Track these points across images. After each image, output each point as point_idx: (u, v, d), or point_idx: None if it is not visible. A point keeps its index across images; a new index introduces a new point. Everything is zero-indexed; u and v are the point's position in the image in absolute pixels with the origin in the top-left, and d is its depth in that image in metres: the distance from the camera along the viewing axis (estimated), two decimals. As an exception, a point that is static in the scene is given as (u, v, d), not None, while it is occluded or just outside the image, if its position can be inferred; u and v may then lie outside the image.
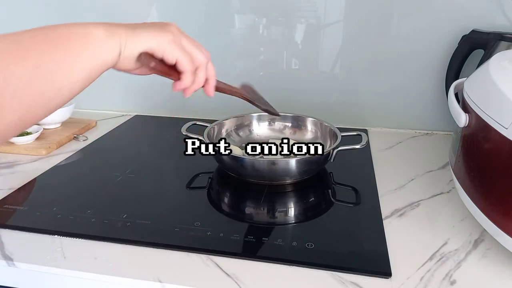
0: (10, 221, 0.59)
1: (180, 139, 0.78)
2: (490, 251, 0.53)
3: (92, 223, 0.58)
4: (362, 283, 0.47)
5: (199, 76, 0.49)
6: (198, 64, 0.48)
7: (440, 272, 0.49)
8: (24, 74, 0.33)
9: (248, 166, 0.67)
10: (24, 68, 0.34)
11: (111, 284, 0.49)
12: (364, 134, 0.73)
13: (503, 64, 0.53)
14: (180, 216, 0.60)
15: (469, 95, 0.54)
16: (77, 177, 0.73)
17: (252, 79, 1.00)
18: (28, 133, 0.86)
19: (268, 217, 0.63)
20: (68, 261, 0.51)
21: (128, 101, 1.10)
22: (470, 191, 0.52)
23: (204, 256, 0.52)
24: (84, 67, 0.39)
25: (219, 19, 0.96)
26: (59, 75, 0.36)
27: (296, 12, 0.92)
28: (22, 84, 0.33)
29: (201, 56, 0.48)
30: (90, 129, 0.98)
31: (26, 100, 0.34)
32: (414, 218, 0.60)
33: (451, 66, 0.85)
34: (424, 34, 0.88)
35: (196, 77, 0.49)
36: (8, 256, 0.52)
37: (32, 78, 0.34)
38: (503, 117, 0.45)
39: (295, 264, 0.50)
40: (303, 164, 0.67)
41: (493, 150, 0.47)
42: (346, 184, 0.71)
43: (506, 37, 0.76)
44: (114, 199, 0.65)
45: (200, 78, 0.49)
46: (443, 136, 0.93)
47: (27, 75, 0.34)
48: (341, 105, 0.98)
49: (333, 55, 0.94)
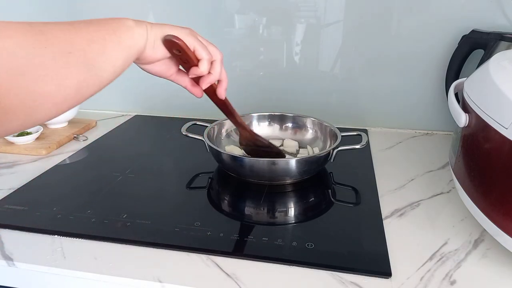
0: (10, 221, 0.59)
1: (180, 139, 0.78)
2: (490, 251, 0.53)
3: (92, 223, 0.58)
4: (362, 283, 0.47)
5: (215, 68, 0.53)
6: (214, 57, 0.53)
7: (440, 272, 0.49)
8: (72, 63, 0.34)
9: (248, 166, 0.67)
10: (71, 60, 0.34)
11: (111, 284, 0.49)
12: (364, 134, 0.73)
13: (503, 64, 0.53)
14: (180, 216, 0.60)
15: (469, 95, 0.54)
16: (77, 177, 0.74)
17: (252, 79, 1.00)
18: (28, 133, 0.86)
19: (268, 217, 0.63)
20: (68, 261, 0.51)
21: (128, 101, 1.10)
22: (470, 191, 0.52)
23: (204, 256, 0.52)
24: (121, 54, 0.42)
25: (219, 19, 0.96)
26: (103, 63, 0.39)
27: (296, 12, 0.92)
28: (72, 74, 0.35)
29: (217, 51, 0.54)
30: (90, 129, 0.98)
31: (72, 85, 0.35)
32: (414, 218, 0.60)
33: (451, 66, 0.85)
34: (424, 34, 0.88)
35: (213, 69, 0.53)
36: (8, 256, 0.52)
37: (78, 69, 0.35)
38: (503, 117, 0.45)
39: (295, 264, 0.50)
40: (303, 164, 0.67)
41: (493, 150, 0.47)
42: (346, 184, 0.71)
43: (506, 37, 0.76)
44: (114, 199, 0.65)
45: (216, 70, 0.53)
46: (443, 136, 0.93)
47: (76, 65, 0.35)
48: (341, 105, 0.98)
49: (333, 55, 0.94)
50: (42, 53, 0.31)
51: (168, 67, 0.53)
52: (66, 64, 0.34)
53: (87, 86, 0.37)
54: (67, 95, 0.35)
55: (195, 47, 0.50)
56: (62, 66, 0.33)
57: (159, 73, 0.53)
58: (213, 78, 0.54)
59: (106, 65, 0.39)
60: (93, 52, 0.37)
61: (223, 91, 0.58)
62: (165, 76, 0.54)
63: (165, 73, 0.54)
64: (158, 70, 0.53)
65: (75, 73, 0.35)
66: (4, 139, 0.85)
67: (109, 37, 0.40)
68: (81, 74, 0.36)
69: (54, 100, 0.34)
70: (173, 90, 1.06)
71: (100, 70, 0.39)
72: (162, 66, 0.52)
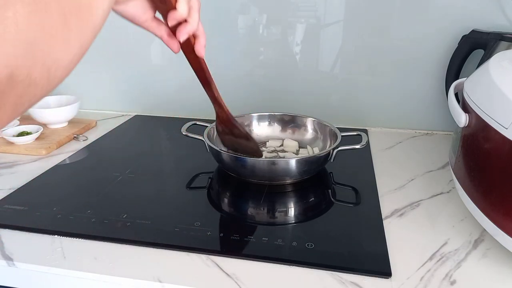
0: (10, 221, 0.59)
1: (180, 139, 0.78)
2: (490, 251, 0.53)
3: (92, 223, 0.58)
4: (362, 283, 0.47)
5: (193, 15, 0.49)
6: (192, 3, 0.49)
7: (440, 272, 0.49)
8: None
9: (248, 166, 0.67)
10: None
11: (111, 284, 0.49)
12: (364, 134, 0.73)
13: (503, 64, 0.53)
14: (180, 216, 0.60)
15: (469, 95, 0.54)
16: (77, 177, 0.73)
17: (252, 79, 1.00)
18: (28, 133, 0.86)
19: (268, 217, 0.63)
20: (68, 261, 0.51)
21: (128, 101, 1.10)
22: (470, 191, 0.52)
23: (204, 256, 0.52)
24: None
25: (219, 19, 0.96)
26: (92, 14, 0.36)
27: (296, 12, 0.92)
28: None
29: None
30: (90, 129, 0.98)
31: None
32: (414, 218, 0.60)
33: (451, 66, 0.85)
34: (424, 34, 0.88)
35: (190, 17, 0.49)
36: (8, 256, 0.52)
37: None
38: (503, 117, 0.45)
39: (295, 264, 0.50)
40: (303, 164, 0.67)
41: (493, 150, 0.47)
42: (346, 184, 0.71)
43: (506, 37, 0.76)
44: (114, 199, 0.65)
45: (194, 18, 0.49)
46: (443, 136, 0.93)
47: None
48: (341, 105, 0.98)
49: (333, 55, 0.94)
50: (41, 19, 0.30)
51: (143, 10, 0.49)
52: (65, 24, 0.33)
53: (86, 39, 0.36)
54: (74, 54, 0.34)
55: None
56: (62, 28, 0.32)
57: (133, 16, 0.49)
58: (190, 28, 0.49)
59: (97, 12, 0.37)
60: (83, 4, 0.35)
61: (202, 47, 0.53)
62: (140, 21, 0.50)
63: (140, 17, 0.49)
64: (132, 12, 0.48)
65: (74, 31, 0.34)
66: (4, 139, 0.85)
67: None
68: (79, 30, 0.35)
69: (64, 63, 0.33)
70: (173, 90, 1.06)
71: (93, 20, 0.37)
72: (137, 8, 0.48)
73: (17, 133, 0.86)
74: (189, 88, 1.04)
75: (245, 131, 0.66)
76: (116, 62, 1.06)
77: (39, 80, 0.31)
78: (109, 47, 1.03)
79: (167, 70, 1.03)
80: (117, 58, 1.05)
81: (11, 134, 0.85)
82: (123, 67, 1.06)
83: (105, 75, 1.07)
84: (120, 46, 1.03)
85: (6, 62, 0.26)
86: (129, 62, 1.05)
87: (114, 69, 1.06)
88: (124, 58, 1.05)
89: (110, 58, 1.05)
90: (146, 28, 0.51)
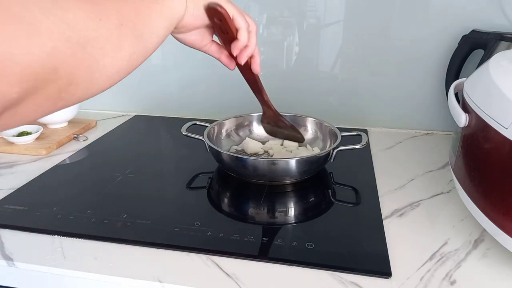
0: (10, 221, 0.59)
1: (180, 139, 0.78)
2: (490, 251, 0.53)
3: (92, 223, 0.58)
4: (362, 283, 0.47)
5: (252, 39, 0.52)
6: (251, 27, 0.51)
7: (440, 272, 0.49)
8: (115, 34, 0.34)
9: (248, 166, 0.67)
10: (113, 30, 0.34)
11: (111, 284, 0.49)
12: (364, 134, 0.73)
13: (503, 64, 0.53)
14: (180, 216, 0.60)
15: (469, 95, 0.54)
16: (77, 177, 0.73)
17: (252, 79, 1.00)
18: (28, 133, 0.86)
19: (268, 217, 0.63)
20: (68, 261, 0.51)
21: (128, 101, 1.10)
22: (470, 191, 0.52)
23: (204, 256, 0.52)
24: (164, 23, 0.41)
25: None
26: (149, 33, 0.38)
27: (296, 12, 0.92)
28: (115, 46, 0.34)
29: (252, 20, 0.52)
30: (90, 129, 0.98)
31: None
32: (414, 218, 0.60)
33: (451, 66, 0.85)
34: (424, 34, 0.88)
35: (250, 41, 0.51)
36: (8, 256, 0.52)
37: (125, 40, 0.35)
38: (503, 117, 0.45)
39: (295, 264, 0.50)
40: (303, 164, 0.67)
41: (493, 150, 0.47)
42: (346, 184, 0.71)
43: (506, 37, 0.76)
44: (114, 199, 0.65)
45: (253, 41, 0.52)
46: (443, 136, 0.93)
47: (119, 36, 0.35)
48: (341, 105, 0.98)
49: (333, 55, 0.94)
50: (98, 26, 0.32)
51: (202, 37, 0.52)
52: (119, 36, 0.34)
53: (136, 58, 0.37)
54: (120, 67, 0.35)
55: (234, 15, 0.49)
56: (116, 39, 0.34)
57: (193, 42, 0.52)
58: (250, 51, 0.52)
59: (152, 35, 0.39)
60: (141, 23, 0.37)
61: (258, 66, 0.57)
62: (199, 46, 0.53)
63: (199, 43, 0.52)
64: (193, 40, 0.51)
65: (127, 45, 0.35)
66: (4, 139, 0.85)
67: (153, 6, 0.39)
68: (132, 45, 0.36)
69: (109, 73, 0.34)
70: (173, 90, 1.06)
71: (147, 41, 0.38)
72: (197, 36, 0.51)
73: (17, 133, 0.86)
74: (189, 88, 1.04)
75: (289, 123, 0.75)
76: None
77: (80, 81, 0.31)
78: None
79: (167, 70, 1.03)
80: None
81: (11, 134, 0.85)
82: (123, 67, 1.05)
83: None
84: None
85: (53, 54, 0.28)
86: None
87: (114, 69, 1.06)
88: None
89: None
90: (205, 51, 0.54)
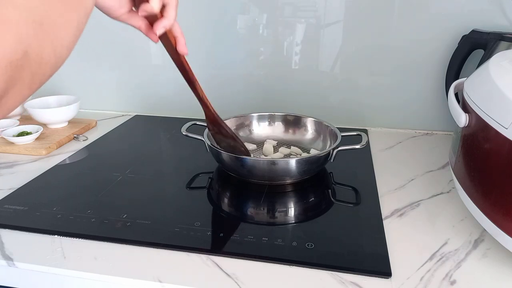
0: (10, 221, 0.59)
1: (180, 139, 0.78)
2: (490, 251, 0.53)
3: (92, 223, 0.58)
4: (362, 283, 0.47)
5: (168, 11, 0.51)
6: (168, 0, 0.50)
7: (440, 272, 0.49)
8: None
9: (248, 166, 0.67)
10: None
11: (111, 284, 0.49)
12: (364, 134, 0.73)
13: (503, 64, 0.53)
14: (180, 216, 0.60)
15: (469, 95, 0.54)
16: (77, 177, 0.73)
17: (252, 79, 1.00)
18: (28, 133, 0.86)
19: (268, 217, 0.63)
20: (68, 261, 0.51)
21: (128, 101, 1.10)
22: (470, 191, 0.52)
23: (204, 256, 0.52)
24: None
25: (220, 19, 0.96)
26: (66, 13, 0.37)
27: (296, 12, 0.92)
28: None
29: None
30: (90, 129, 0.98)
31: None
32: (414, 218, 0.60)
33: (451, 66, 0.85)
34: (424, 34, 0.88)
35: (166, 12, 0.50)
36: (8, 256, 0.52)
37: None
38: (503, 117, 0.45)
39: (295, 264, 0.50)
40: (303, 164, 0.67)
41: (493, 150, 0.47)
42: (346, 184, 0.71)
43: (506, 37, 0.76)
44: (114, 199, 0.65)
45: (170, 13, 0.51)
46: (443, 136, 0.93)
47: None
48: (341, 105, 0.98)
49: (333, 55, 0.94)
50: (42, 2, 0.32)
51: (120, 3, 0.50)
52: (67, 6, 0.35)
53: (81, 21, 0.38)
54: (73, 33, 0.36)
55: None
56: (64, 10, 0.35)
57: (110, 8, 0.49)
58: (167, 22, 0.50)
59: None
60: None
61: (183, 46, 0.55)
62: (116, 15, 0.51)
63: (117, 10, 0.50)
64: (110, 5, 0.49)
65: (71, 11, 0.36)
66: (4, 139, 0.85)
67: None
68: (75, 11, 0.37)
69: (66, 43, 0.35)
70: (173, 90, 1.06)
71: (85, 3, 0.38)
72: (114, 1, 0.49)
73: (17, 133, 0.86)
74: (189, 88, 1.03)
75: (231, 131, 0.67)
76: (116, 62, 1.06)
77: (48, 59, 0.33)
78: (109, 47, 1.03)
79: (167, 70, 1.03)
80: (117, 58, 1.05)
81: (11, 134, 0.85)
82: (123, 67, 1.06)
83: (105, 75, 1.07)
84: (120, 47, 1.03)
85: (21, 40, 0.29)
86: (129, 62, 1.05)
87: (114, 69, 1.06)
88: (124, 58, 1.05)
89: (110, 58, 1.05)
90: (123, 20, 0.52)
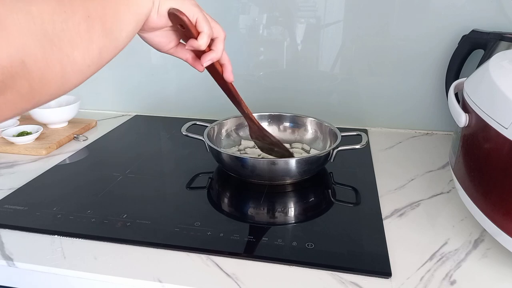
0: (10, 221, 0.59)
1: (180, 139, 0.78)
2: (490, 251, 0.53)
3: (92, 223, 0.58)
4: (362, 283, 0.47)
5: (217, 45, 0.52)
6: (216, 34, 0.52)
7: (440, 272, 0.49)
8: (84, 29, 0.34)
9: (248, 166, 0.67)
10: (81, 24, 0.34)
11: (111, 284, 0.49)
12: (364, 134, 0.73)
13: (503, 64, 0.53)
14: (180, 216, 0.60)
15: (469, 95, 0.54)
16: (77, 177, 0.73)
17: (252, 79, 1.00)
18: (28, 133, 0.86)
19: (268, 217, 0.63)
20: (68, 261, 0.51)
21: (128, 101, 1.10)
22: (470, 191, 0.52)
23: (204, 256, 0.52)
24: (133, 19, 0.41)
25: (220, 19, 0.95)
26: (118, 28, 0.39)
27: (296, 12, 0.92)
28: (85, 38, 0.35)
29: (220, 28, 0.53)
30: (90, 129, 0.98)
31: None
32: (414, 218, 0.60)
33: (451, 66, 0.85)
34: (424, 34, 0.88)
35: (214, 46, 0.52)
36: (8, 256, 0.52)
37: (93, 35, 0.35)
38: (503, 117, 0.45)
39: (295, 264, 0.50)
40: (303, 164, 0.67)
41: (493, 150, 0.47)
42: (346, 184, 0.71)
43: (506, 37, 0.76)
44: (114, 199, 0.65)
45: (218, 47, 0.52)
46: (443, 136, 0.93)
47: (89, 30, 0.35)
48: (341, 105, 0.98)
49: (333, 55, 0.94)
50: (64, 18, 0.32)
51: (169, 39, 0.51)
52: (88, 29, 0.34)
53: (107, 52, 0.38)
54: (91, 61, 0.35)
55: (198, 19, 0.49)
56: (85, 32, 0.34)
57: (158, 44, 0.51)
58: (214, 56, 0.52)
59: (121, 30, 0.39)
60: (109, 17, 0.37)
61: (230, 74, 0.57)
62: (165, 49, 0.53)
63: (165, 45, 0.52)
64: (159, 41, 0.51)
65: (96, 38, 0.35)
66: (4, 139, 0.85)
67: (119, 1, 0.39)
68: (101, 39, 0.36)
69: (80, 67, 0.34)
70: (173, 90, 1.06)
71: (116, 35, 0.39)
72: (163, 37, 0.51)
73: (17, 133, 0.86)
74: (189, 88, 1.04)
75: (275, 138, 0.72)
76: (116, 62, 1.05)
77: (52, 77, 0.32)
78: (109, 47, 1.03)
79: (167, 70, 1.03)
80: (117, 58, 1.04)
81: (11, 134, 0.85)
82: (123, 67, 1.06)
83: (105, 75, 1.07)
84: (120, 46, 1.03)
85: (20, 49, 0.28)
86: (129, 62, 1.04)
87: (114, 69, 1.06)
88: (124, 58, 1.04)
89: (110, 58, 1.05)
90: (171, 53, 0.54)
